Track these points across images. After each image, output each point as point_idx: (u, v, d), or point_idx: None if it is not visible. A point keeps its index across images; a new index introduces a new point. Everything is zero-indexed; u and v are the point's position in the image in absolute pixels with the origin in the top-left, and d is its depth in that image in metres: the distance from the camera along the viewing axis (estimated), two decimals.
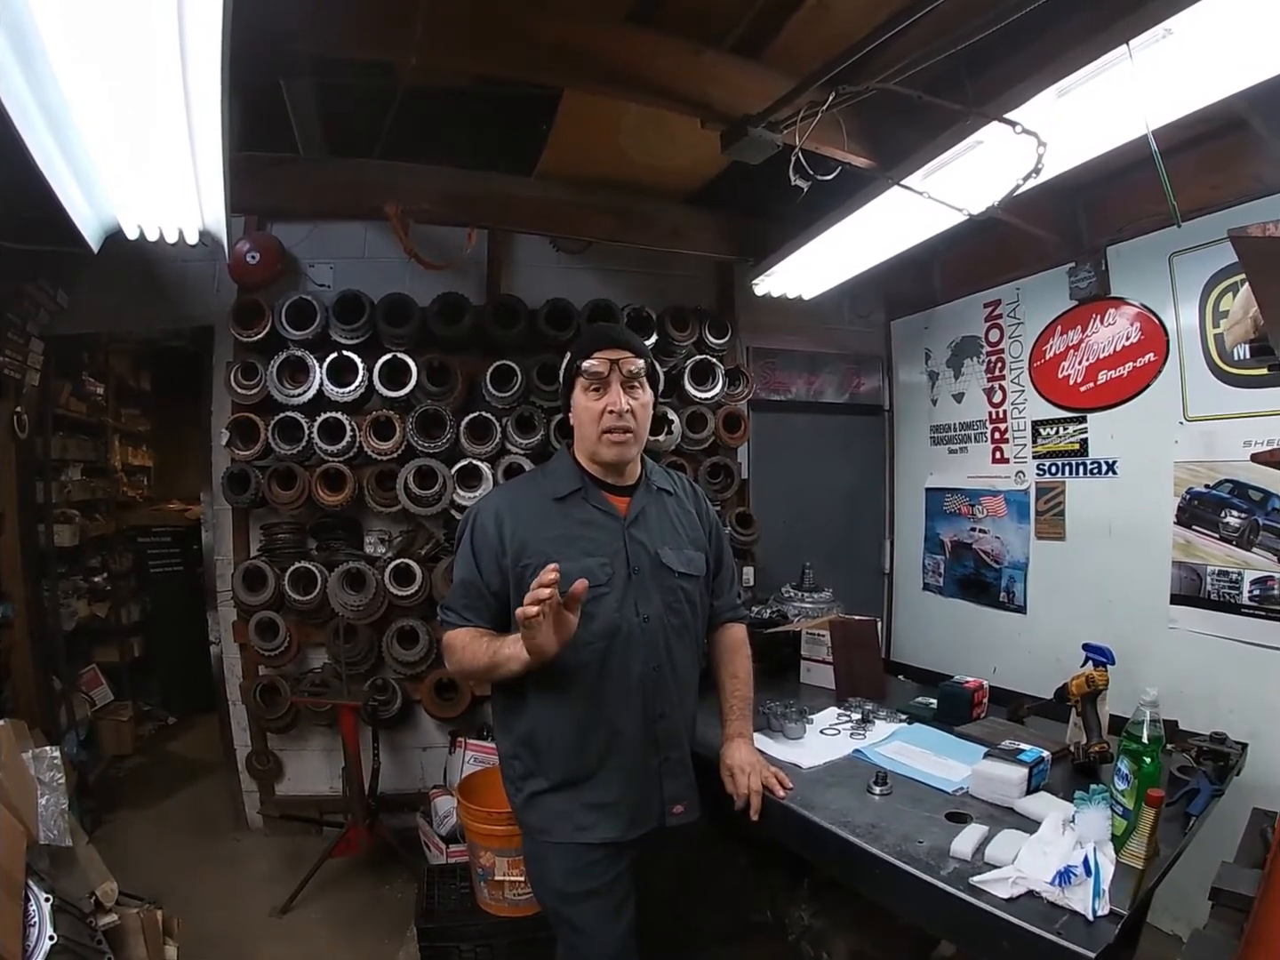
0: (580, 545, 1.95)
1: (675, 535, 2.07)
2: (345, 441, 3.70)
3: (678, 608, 2.02)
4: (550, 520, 1.98)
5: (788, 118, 2.43)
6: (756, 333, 4.62)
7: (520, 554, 1.93)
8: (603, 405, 1.94)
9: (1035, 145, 2.12)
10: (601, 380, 1.94)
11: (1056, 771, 2.14)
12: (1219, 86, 2.00)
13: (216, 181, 2.20)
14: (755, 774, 2.04)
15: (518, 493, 2.13)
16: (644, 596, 1.96)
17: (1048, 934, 1.45)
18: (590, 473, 2.04)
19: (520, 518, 1.98)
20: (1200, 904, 1.92)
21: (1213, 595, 3.03)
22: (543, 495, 2.03)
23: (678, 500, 2.16)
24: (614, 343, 1.98)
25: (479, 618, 1.96)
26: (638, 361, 1.98)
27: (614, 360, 1.94)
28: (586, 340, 2.03)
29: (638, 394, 1.98)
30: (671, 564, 2.02)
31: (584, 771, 1.94)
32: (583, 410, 1.98)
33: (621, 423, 1.94)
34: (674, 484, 2.20)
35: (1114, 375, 3.44)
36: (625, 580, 1.95)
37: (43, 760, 2.50)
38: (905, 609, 4.80)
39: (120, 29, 1.50)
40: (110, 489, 5.89)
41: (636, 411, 1.96)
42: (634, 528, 2.01)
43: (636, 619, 1.94)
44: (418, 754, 4.21)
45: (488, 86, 3.03)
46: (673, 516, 2.11)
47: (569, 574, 1.83)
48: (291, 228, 4.02)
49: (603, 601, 1.91)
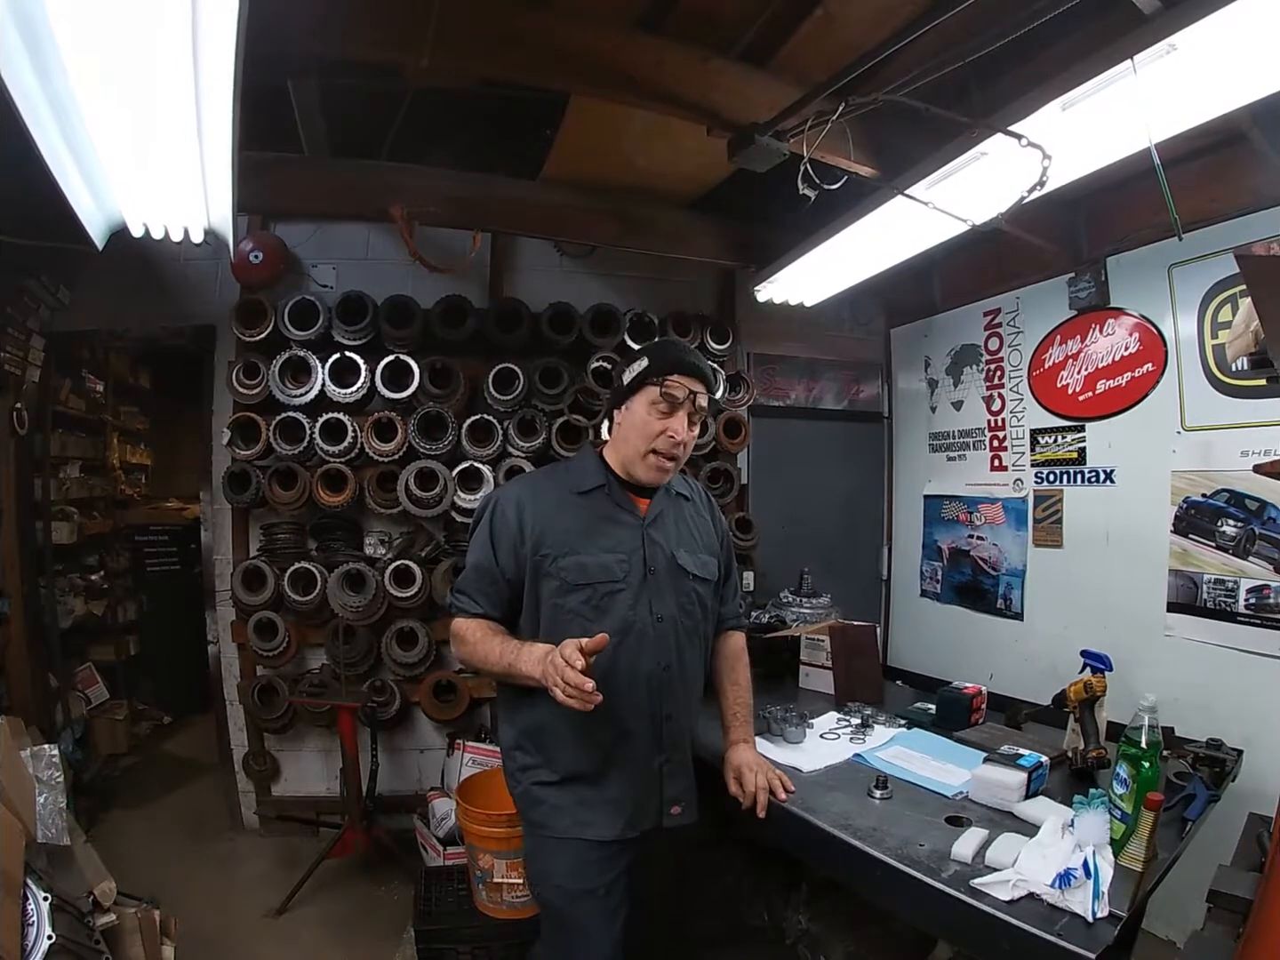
0: (599, 540, 1.97)
1: (691, 539, 2.10)
2: (347, 442, 3.70)
3: (690, 609, 2.04)
4: (571, 512, 1.99)
5: (795, 127, 2.45)
6: (757, 339, 4.65)
7: (540, 543, 1.94)
8: (664, 427, 1.94)
9: (1040, 158, 2.14)
10: (674, 404, 1.94)
11: (1054, 777, 2.16)
12: (1222, 101, 2.02)
13: (224, 180, 2.20)
14: (761, 773, 2.07)
15: (540, 483, 2.13)
16: (659, 596, 1.98)
17: (1048, 935, 1.47)
18: (615, 472, 2.06)
19: (541, 507, 1.99)
20: (1194, 910, 1.94)
21: (1209, 604, 3.05)
22: (565, 488, 2.04)
23: (694, 506, 2.19)
24: (696, 373, 1.97)
25: (490, 604, 1.98)
26: (708, 397, 2.00)
27: (694, 391, 1.95)
28: (671, 358, 2.00)
29: (697, 428, 2.01)
30: (687, 566, 2.04)
31: (589, 767, 1.95)
32: (640, 423, 1.97)
33: (674, 451, 1.96)
34: (691, 490, 2.23)
35: (1112, 385, 3.46)
36: (641, 579, 1.96)
37: (41, 758, 2.50)
38: (903, 615, 4.82)
39: (132, 23, 1.51)
40: (108, 487, 5.88)
41: (688, 444, 1.99)
42: (652, 528, 2.03)
43: (650, 617, 1.96)
44: (415, 756, 4.20)
45: (493, 89, 3.03)
46: (689, 521, 2.14)
47: (588, 566, 1.91)
48: (294, 228, 4.03)
49: (618, 598, 1.94)
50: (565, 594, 1.93)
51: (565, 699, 1.63)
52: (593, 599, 1.93)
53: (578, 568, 1.93)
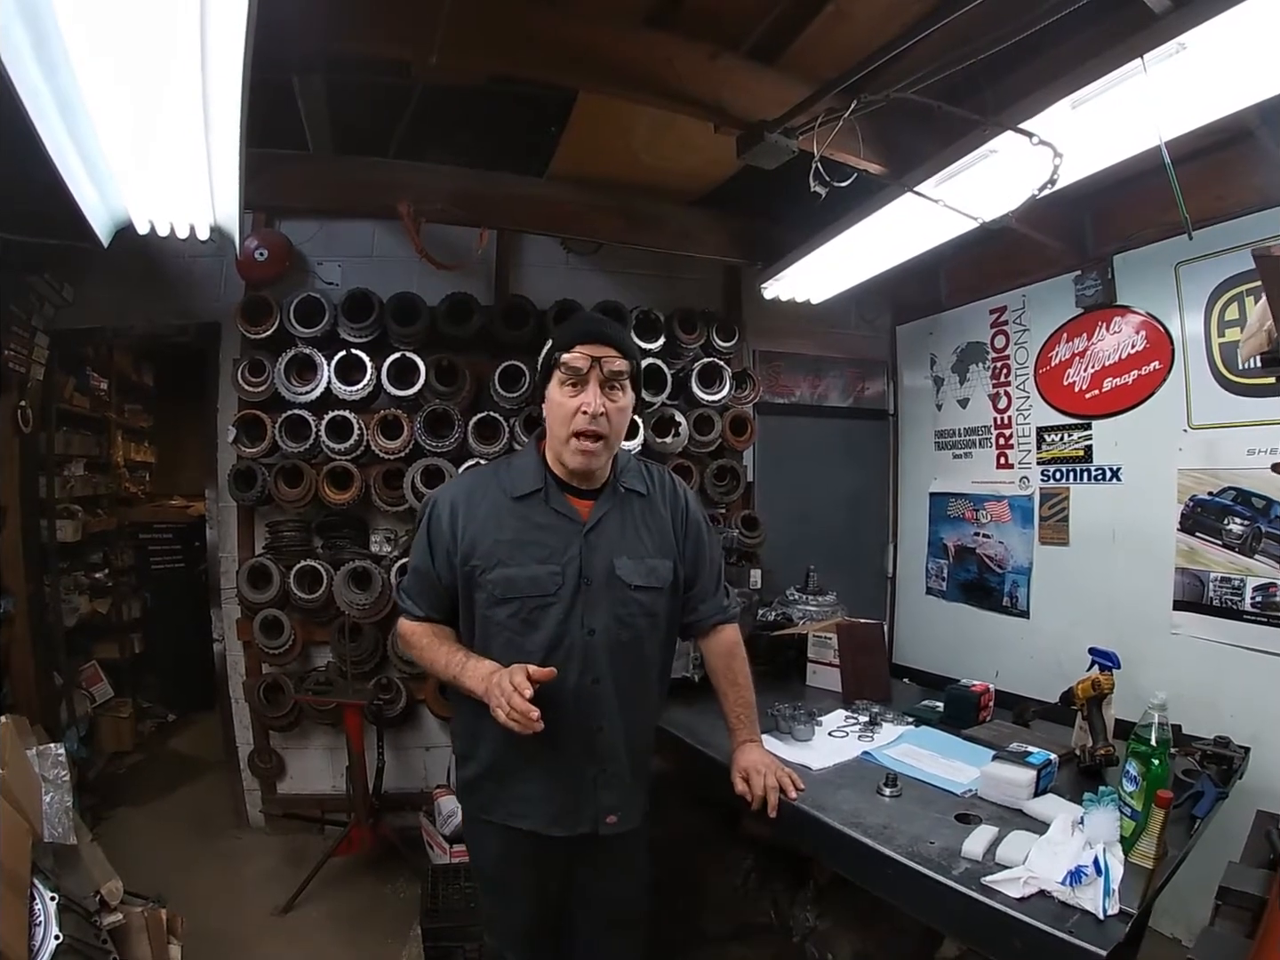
0: (532, 551, 1.88)
1: (638, 544, 1.97)
2: (353, 440, 3.70)
3: (630, 621, 1.94)
4: (505, 521, 1.91)
5: (804, 124, 2.44)
6: (763, 336, 4.64)
7: (470, 553, 1.89)
8: (577, 404, 1.83)
9: (1051, 156, 2.14)
10: (580, 377, 1.83)
11: (1062, 774, 2.15)
12: (1231, 100, 2.03)
13: (231, 177, 2.20)
14: (770, 773, 2.03)
15: (476, 486, 2.00)
16: (591, 609, 1.89)
17: (1059, 933, 1.46)
18: (555, 472, 1.96)
19: (474, 515, 1.92)
20: (1198, 907, 1.94)
21: (1215, 601, 3.05)
22: (501, 492, 1.94)
23: (648, 502, 2.03)
24: (599, 338, 1.85)
25: (432, 607, 1.97)
26: (622, 361, 1.86)
27: (596, 357, 1.82)
28: (569, 331, 1.91)
29: (616, 396, 1.87)
30: (627, 576, 1.92)
31: (511, 765, 1.93)
32: (555, 405, 1.87)
33: (594, 426, 1.83)
34: (649, 482, 2.06)
35: (1119, 383, 3.46)
36: (574, 591, 1.88)
37: (47, 757, 2.49)
38: (908, 613, 4.82)
39: (140, 19, 1.50)
40: (112, 485, 5.87)
41: (612, 415, 1.85)
42: (593, 534, 1.92)
43: (581, 631, 1.88)
44: (421, 753, 4.21)
45: (499, 86, 3.02)
46: (639, 522, 1.99)
47: (516, 580, 1.85)
48: (299, 225, 4.03)
49: (549, 612, 1.87)
50: (493, 606, 1.88)
51: (508, 721, 1.65)
52: (520, 612, 1.87)
53: (505, 581, 1.86)
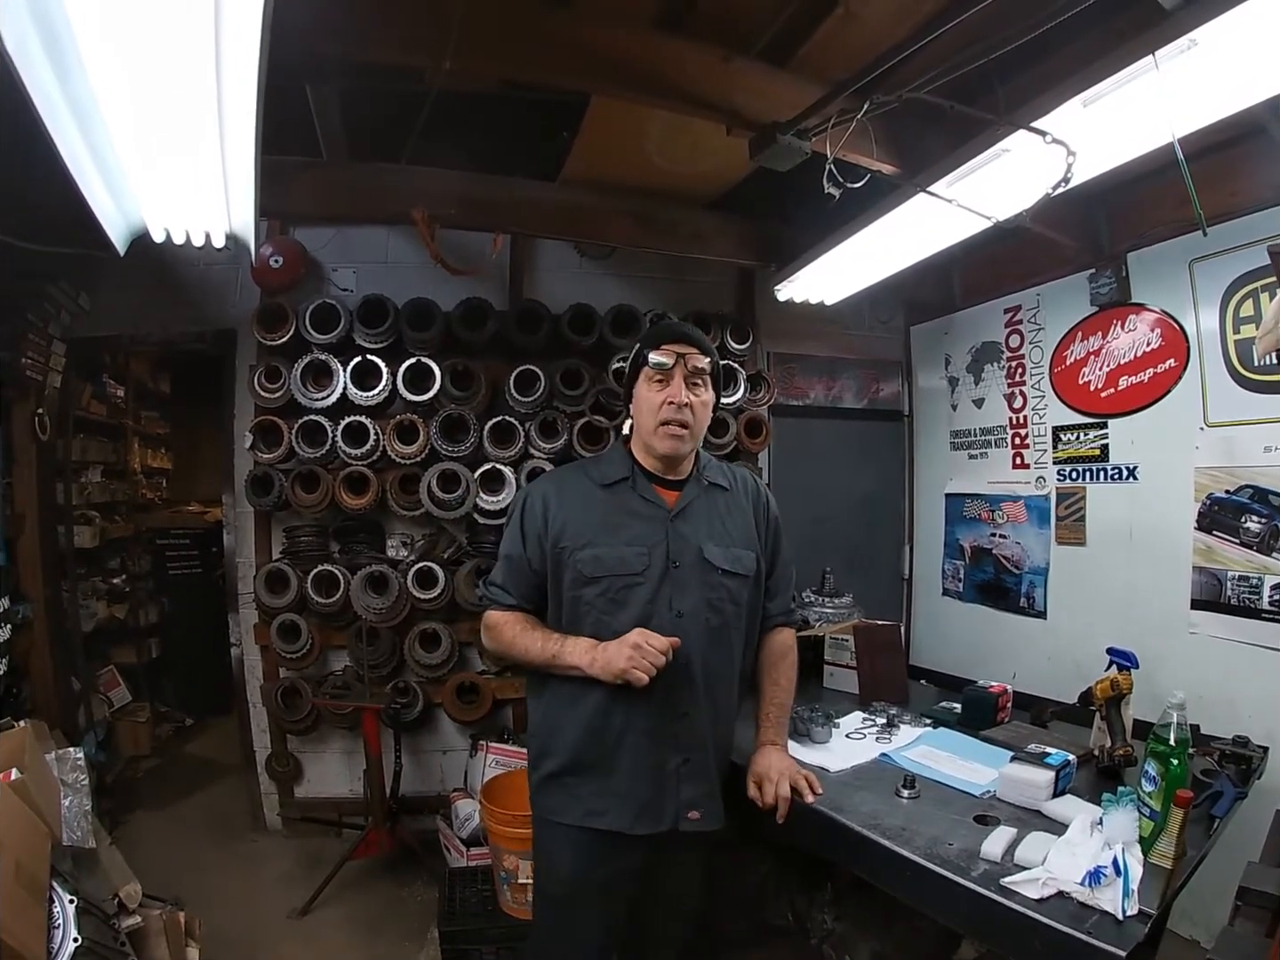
0: (620, 533, 1.97)
1: (723, 532, 2.05)
2: (369, 445, 3.73)
3: (719, 605, 2.00)
4: (594, 505, 2.01)
5: (817, 125, 2.45)
6: (777, 338, 4.64)
7: (560, 535, 1.97)
8: (664, 397, 1.96)
9: (1064, 154, 2.13)
10: (666, 373, 1.97)
11: (1081, 775, 2.14)
12: (1244, 95, 2.01)
13: (246, 184, 2.21)
14: (784, 780, 1.99)
15: (567, 477, 2.15)
16: (680, 591, 1.95)
17: (1079, 933, 1.46)
18: (641, 464, 2.07)
19: (565, 500, 2.02)
20: (1216, 908, 1.93)
21: (1233, 600, 3.03)
22: (590, 481, 2.06)
23: (731, 496, 2.14)
24: (683, 337, 2.01)
25: (522, 595, 2.02)
26: (704, 359, 2.00)
27: (681, 354, 1.96)
28: (655, 333, 2.08)
29: (699, 391, 2.00)
30: (715, 560, 2.00)
31: (593, 758, 1.94)
32: (644, 401, 2.01)
33: (680, 416, 1.95)
34: (731, 479, 2.18)
35: (1135, 381, 3.45)
36: (662, 572, 1.95)
37: (66, 761, 2.51)
38: (925, 614, 4.80)
39: (155, 25, 1.50)
40: (129, 491, 5.92)
41: (696, 408, 1.98)
42: (679, 520, 2.01)
43: (669, 612, 1.93)
44: (438, 757, 4.22)
45: (512, 91, 3.04)
46: (723, 513, 2.09)
47: (604, 559, 1.92)
48: (314, 232, 4.05)
49: (636, 592, 1.93)
50: (581, 586, 1.95)
51: (637, 665, 1.77)
52: (608, 591, 1.94)
53: (593, 560, 1.94)
